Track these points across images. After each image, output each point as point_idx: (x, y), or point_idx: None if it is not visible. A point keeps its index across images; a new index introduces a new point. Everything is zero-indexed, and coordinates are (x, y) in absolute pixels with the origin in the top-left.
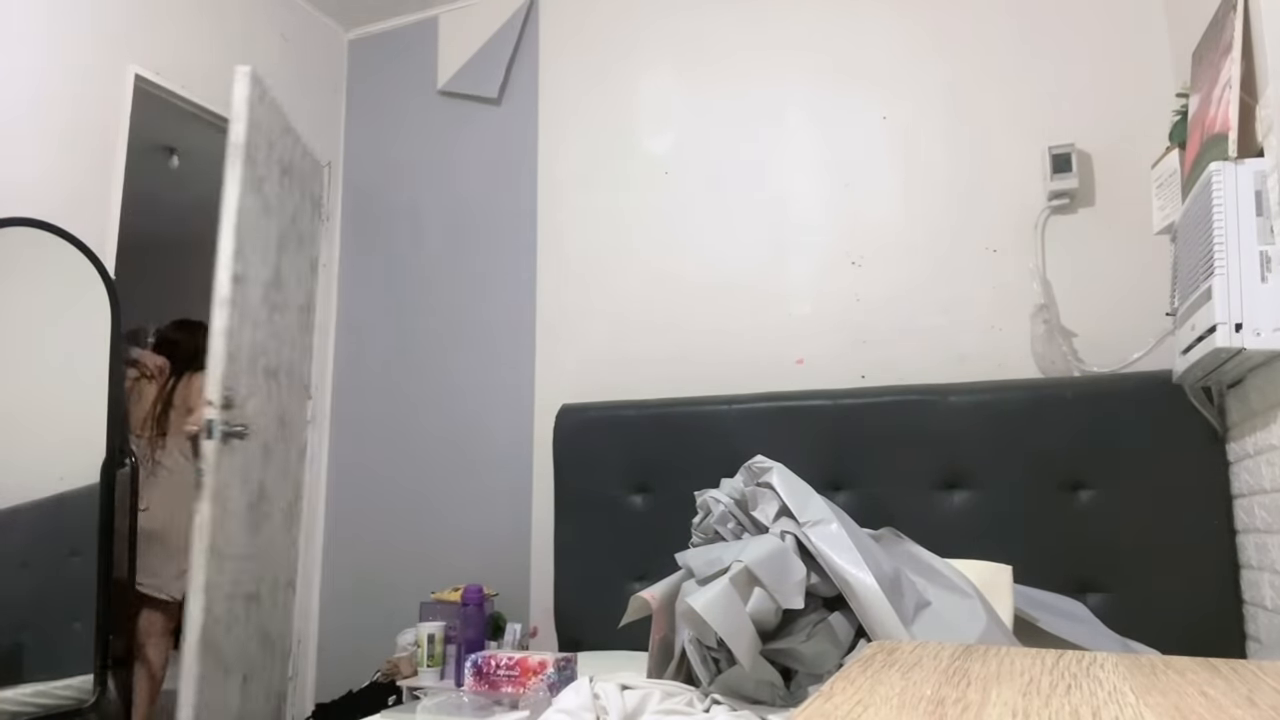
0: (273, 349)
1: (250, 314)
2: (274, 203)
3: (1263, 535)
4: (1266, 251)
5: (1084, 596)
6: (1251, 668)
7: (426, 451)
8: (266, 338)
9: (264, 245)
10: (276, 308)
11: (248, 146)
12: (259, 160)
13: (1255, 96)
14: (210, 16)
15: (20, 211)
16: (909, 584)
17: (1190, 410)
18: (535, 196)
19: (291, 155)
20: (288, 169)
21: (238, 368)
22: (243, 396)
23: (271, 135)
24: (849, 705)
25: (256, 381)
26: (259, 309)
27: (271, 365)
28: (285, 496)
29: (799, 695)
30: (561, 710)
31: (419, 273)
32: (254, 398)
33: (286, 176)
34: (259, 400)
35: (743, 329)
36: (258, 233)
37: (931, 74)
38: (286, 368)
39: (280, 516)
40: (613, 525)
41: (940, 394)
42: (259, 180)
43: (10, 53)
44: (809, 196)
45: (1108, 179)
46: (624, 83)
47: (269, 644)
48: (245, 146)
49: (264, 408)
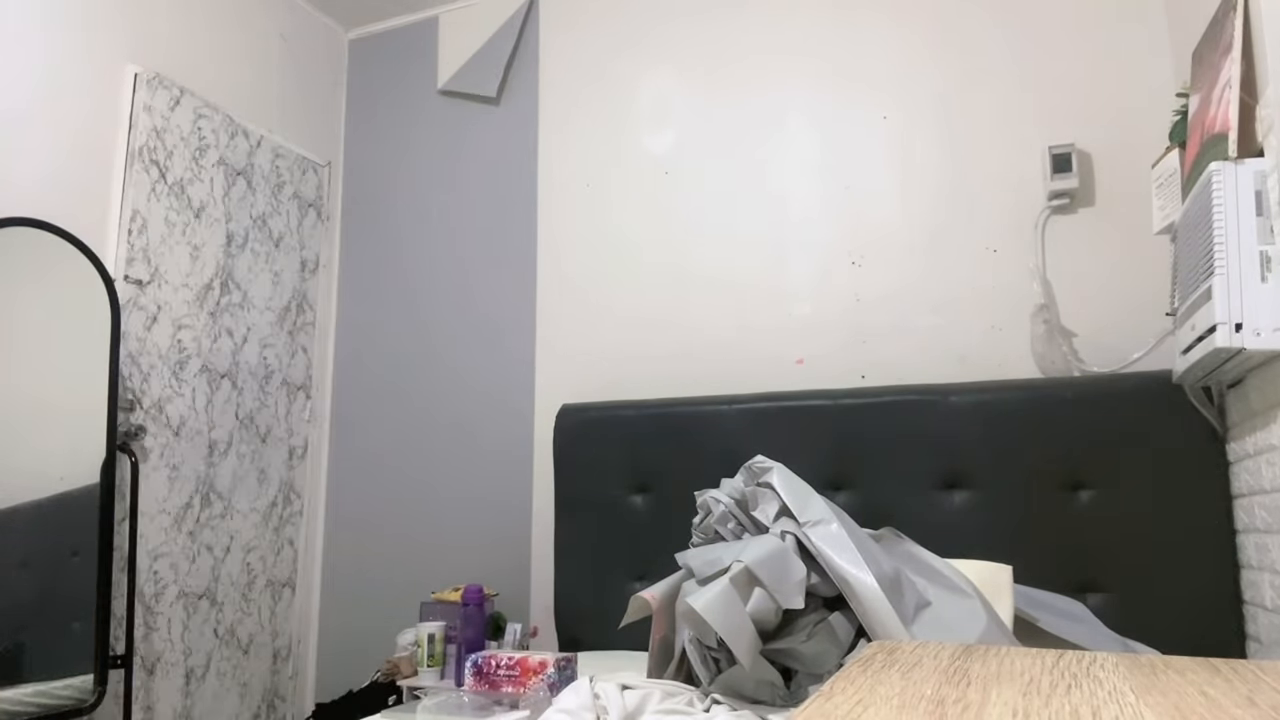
0: (223, 350)
1: (172, 315)
2: (212, 206)
3: (1263, 535)
4: (1266, 251)
5: (1084, 596)
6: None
7: (426, 451)
8: (204, 339)
9: (193, 247)
10: (226, 309)
11: (144, 151)
12: (175, 163)
13: (1255, 96)
14: (210, 16)
15: (20, 211)
16: (909, 584)
17: (1190, 410)
18: (535, 196)
19: (250, 158)
20: (242, 171)
21: (145, 369)
22: (156, 398)
23: (201, 139)
24: (849, 705)
25: (185, 383)
26: (190, 311)
27: (221, 366)
28: (264, 496)
29: (799, 695)
30: (561, 710)
31: (419, 273)
32: (178, 399)
33: (241, 178)
34: (186, 401)
35: (743, 329)
36: (179, 236)
37: (931, 74)
38: (250, 368)
39: (257, 516)
40: (613, 525)
41: (940, 394)
42: (178, 184)
43: (10, 53)
44: (809, 196)
45: (1108, 179)
46: (624, 82)
47: (239, 644)
48: (142, 151)
49: (199, 408)
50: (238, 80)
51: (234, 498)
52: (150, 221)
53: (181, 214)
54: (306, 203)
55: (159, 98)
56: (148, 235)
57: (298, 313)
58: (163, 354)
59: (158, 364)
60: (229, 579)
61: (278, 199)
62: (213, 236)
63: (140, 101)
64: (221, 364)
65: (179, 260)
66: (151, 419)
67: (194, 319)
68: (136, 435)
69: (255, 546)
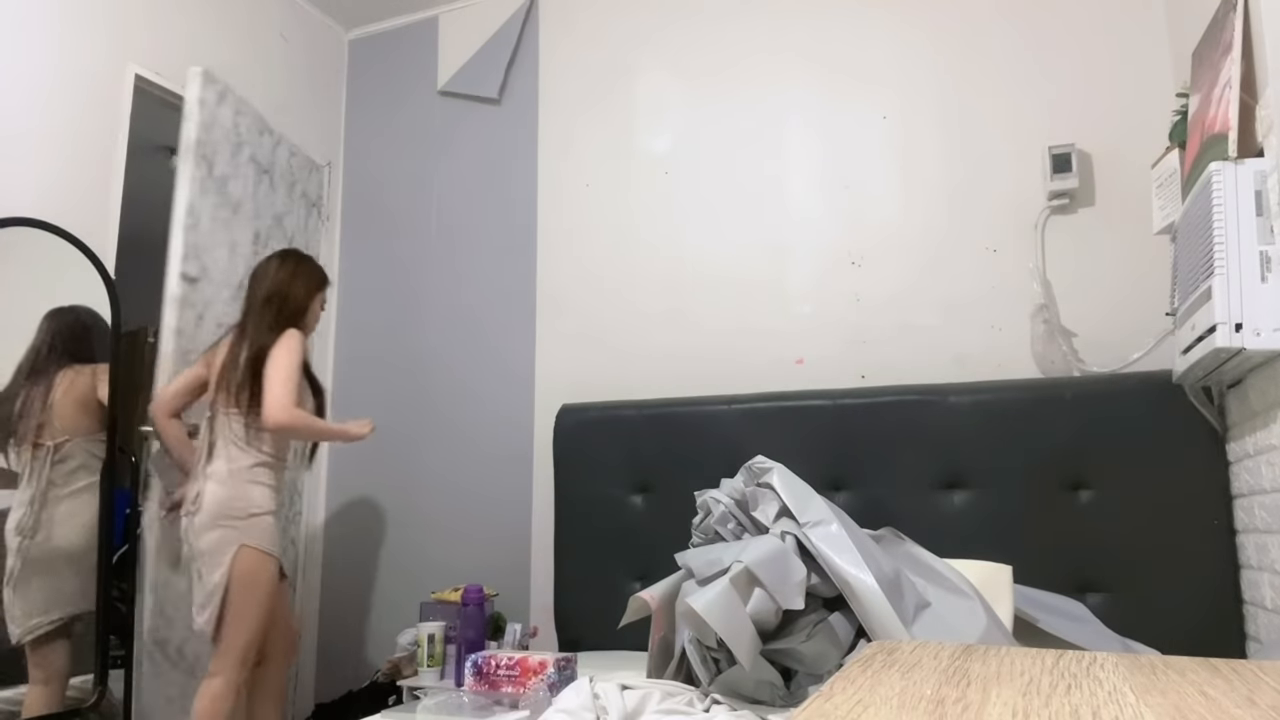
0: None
1: (214, 314)
2: (247, 203)
3: (1263, 535)
4: (1266, 251)
5: (1084, 596)
6: (1251, 668)
7: (427, 451)
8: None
9: (231, 245)
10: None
11: (199, 145)
12: (219, 160)
13: (1255, 96)
14: (210, 16)
15: (20, 211)
16: (909, 584)
17: (1190, 410)
18: (535, 196)
19: (273, 156)
20: (267, 169)
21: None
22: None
23: (239, 135)
24: (849, 705)
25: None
26: (227, 309)
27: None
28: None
29: (799, 695)
30: (561, 710)
31: (419, 273)
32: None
33: (266, 176)
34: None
35: (743, 329)
36: (222, 232)
37: (931, 74)
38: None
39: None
40: (613, 525)
41: (940, 394)
42: (222, 180)
43: (10, 53)
44: (809, 197)
45: (1108, 179)
46: (624, 82)
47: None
48: (197, 145)
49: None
50: (238, 80)
51: None
52: (201, 218)
53: (222, 210)
54: (310, 202)
55: (209, 92)
56: (199, 232)
57: None
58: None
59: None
60: None
61: (291, 198)
62: (244, 234)
63: (193, 96)
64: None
65: (219, 257)
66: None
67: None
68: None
69: None
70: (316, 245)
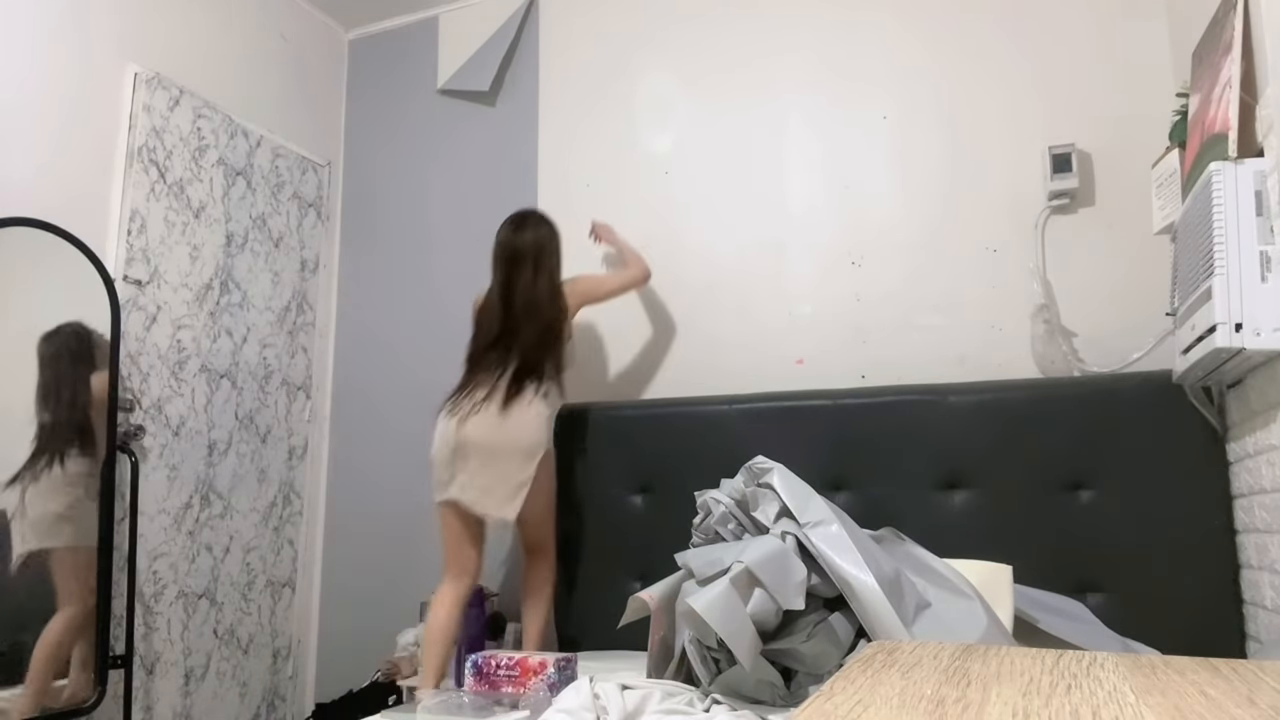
0: (223, 350)
1: (171, 316)
2: (213, 206)
3: (1263, 535)
4: (1266, 251)
5: (1084, 596)
6: (1251, 668)
7: (427, 451)
8: (204, 339)
9: (193, 247)
10: (225, 309)
11: (145, 151)
12: (170, 165)
13: (1255, 96)
14: (210, 16)
15: (20, 211)
16: (909, 585)
17: (1190, 410)
18: (535, 196)
19: (250, 158)
20: (241, 171)
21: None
22: (155, 398)
23: (200, 139)
24: (849, 705)
25: (185, 383)
26: (189, 311)
27: (220, 366)
28: (264, 496)
29: (799, 695)
30: (561, 710)
31: (419, 273)
32: (178, 399)
33: (241, 178)
34: (185, 401)
35: (743, 329)
36: (179, 236)
37: (931, 74)
38: (250, 368)
39: (257, 516)
40: (613, 525)
41: (940, 394)
42: (178, 184)
43: (9, 52)
44: (809, 196)
45: (1108, 179)
46: (624, 82)
47: (239, 644)
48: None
49: (199, 408)
50: (238, 80)
51: (234, 498)
52: (150, 221)
53: (181, 214)
54: (306, 203)
55: (158, 98)
56: (147, 235)
57: (297, 313)
58: (162, 354)
59: (157, 364)
60: (229, 579)
61: (277, 199)
62: (212, 236)
63: (140, 101)
64: (221, 364)
65: (178, 260)
66: (151, 419)
67: (193, 319)
68: (136, 435)
69: (255, 546)
70: (316, 245)
